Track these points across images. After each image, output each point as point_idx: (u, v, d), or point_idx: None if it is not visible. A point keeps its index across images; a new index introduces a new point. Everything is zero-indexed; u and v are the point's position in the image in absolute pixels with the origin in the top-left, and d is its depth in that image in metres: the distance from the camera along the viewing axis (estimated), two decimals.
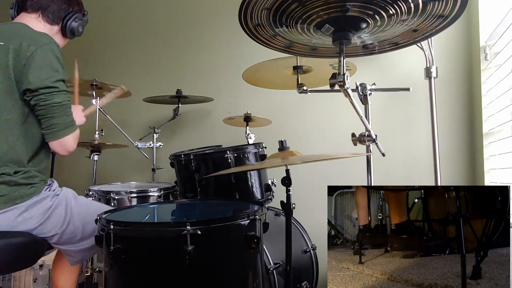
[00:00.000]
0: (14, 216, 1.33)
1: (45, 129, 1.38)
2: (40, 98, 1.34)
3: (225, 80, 2.75)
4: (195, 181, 1.85)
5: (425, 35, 1.14)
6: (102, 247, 1.15)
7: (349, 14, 1.00)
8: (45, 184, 1.44)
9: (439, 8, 0.98)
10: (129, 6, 3.17)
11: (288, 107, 2.56)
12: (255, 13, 1.02)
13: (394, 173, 2.27)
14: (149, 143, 2.56)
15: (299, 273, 1.72)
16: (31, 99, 1.34)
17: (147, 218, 1.42)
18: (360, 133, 1.50)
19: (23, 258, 1.38)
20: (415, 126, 2.26)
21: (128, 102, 2.77)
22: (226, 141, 2.48)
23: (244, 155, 1.83)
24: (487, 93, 1.96)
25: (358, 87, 1.62)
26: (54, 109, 1.36)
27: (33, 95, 1.33)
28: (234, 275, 1.16)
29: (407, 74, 2.27)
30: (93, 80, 2.31)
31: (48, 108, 1.35)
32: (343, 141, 1.84)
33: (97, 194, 1.93)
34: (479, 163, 2.01)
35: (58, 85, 1.37)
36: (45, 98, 1.34)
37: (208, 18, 2.85)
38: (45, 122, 1.38)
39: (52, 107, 1.36)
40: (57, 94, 1.36)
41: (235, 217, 1.17)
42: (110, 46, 3.22)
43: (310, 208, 2.09)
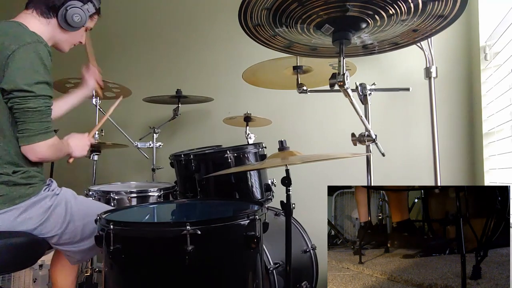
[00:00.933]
0: (14, 216, 1.33)
1: (18, 132, 1.33)
2: (15, 101, 1.28)
3: (225, 80, 2.75)
4: (195, 181, 1.85)
5: (425, 35, 1.14)
6: (102, 247, 1.15)
7: (349, 14, 1.00)
8: (44, 184, 1.44)
9: (439, 8, 0.98)
10: (129, 6, 3.17)
11: (288, 107, 2.56)
12: (255, 13, 1.02)
13: (394, 173, 2.27)
14: (149, 143, 2.56)
15: (299, 273, 1.72)
16: (8, 101, 1.29)
17: (147, 218, 1.42)
18: (360, 133, 1.50)
19: (23, 258, 1.38)
20: (415, 126, 2.26)
21: (128, 102, 2.76)
22: (226, 141, 2.48)
23: (244, 155, 1.83)
24: (487, 93, 1.96)
25: (358, 87, 1.62)
26: (28, 114, 1.30)
27: (8, 97, 1.28)
28: (234, 275, 1.16)
29: (407, 74, 2.27)
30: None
31: (22, 112, 1.30)
32: (343, 141, 1.84)
33: (97, 194, 1.93)
34: (479, 163, 2.01)
35: (35, 89, 1.29)
36: (19, 102, 1.28)
37: (208, 18, 2.85)
38: (19, 126, 1.32)
39: (26, 111, 1.30)
40: (32, 99, 1.29)
41: (235, 217, 1.17)
42: (110, 46, 3.21)
43: (310, 208, 2.09)
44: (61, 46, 1.55)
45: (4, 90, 1.28)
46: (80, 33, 1.56)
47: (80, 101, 1.84)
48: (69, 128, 2.71)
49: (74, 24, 1.46)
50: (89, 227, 1.46)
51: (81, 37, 1.59)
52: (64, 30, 1.48)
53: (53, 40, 1.50)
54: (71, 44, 1.58)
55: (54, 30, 1.47)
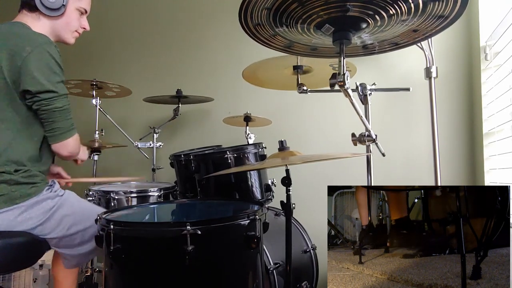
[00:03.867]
0: (14, 215, 1.33)
1: (48, 132, 1.40)
2: (42, 103, 1.33)
3: (225, 80, 2.75)
4: (195, 181, 1.85)
5: (425, 35, 1.14)
6: (102, 247, 1.15)
7: (349, 14, 1.00)
8: (46, 185, 1.44)
9: (439, 8, 0.98)
10: (129, 6, 3.17)
11: (288, 107, 2.56)
12: (255, 12, 1.02)
13: (394, 173, 2.27)
14: (149, 143, 2.56)
15: (299, 273, 1.72)
16: (33, 104, 1.34)
17: (147, 218, 1.42)
18: (360, 133, 1.50)
19: (22, 258, 1.38)
20: (415, 126, 2.26)
21: (128, 102, 2.77)
22: (226, 141, 2.48)
23: (244, 155, 1.83)
24: (487, 93, 1.96)
25: (358, 87, 1.62)
26: (55, 114, 1.37)
27: (33, 100, 1.33)
28: (234, 275, 1.16)
29: (407, 74, 2.27)
30: (93, 80, 2.30)
31: (50, 113, 1.36)
32: (343, 141, 1.84)
33: (97, 194, 1.93)
34: (479, 163, 2.01)
35: (58, 89, 1.36)
36: (46, 103, 1.34)
37: (208, 18, 2.85)
38: (47, 126, 1.38)
39: (54, 112, 1.36)
40: (57, 98, 1.36)
41: (235, 217, 1.17)
42: (110, 46, 3.21)
43: (310, 208, 2.09)
44: (63, 36, 1.52)
45: (29, 92, 1.32)
46: (73, 16, 1.50)
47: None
48: None
49: (53, 6, 1.42)
50: (89, 231, 1.46)
51: (78, 20, 1.52)
52: (51, 18, 1.45)
53: (54, 34, 1.49)
54: (70, 32, 1.52)
55: (46, 23, 1.46)
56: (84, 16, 1.57)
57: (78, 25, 1.54)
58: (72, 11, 1.50)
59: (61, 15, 1.47)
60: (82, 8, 1.54)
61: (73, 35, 1.56)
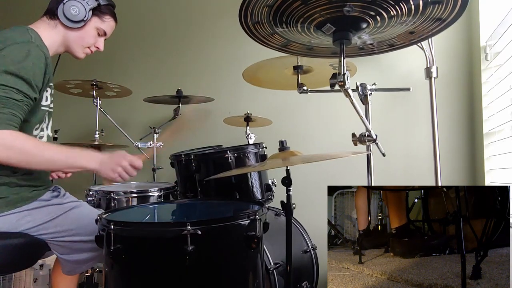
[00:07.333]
0: (16, 219, 1.31)
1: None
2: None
3: (226, 80, 2.75)
4: (195, 181, 1.85)
5: (421, 37, 1.14)
6: (102, 247, 1.15)
7: (350, 14, 1.00)
8: (48, 189, 1.42)
9: (438, 11, 0.98)
10: (129, 6, 3.17)
11: (289, 107, 2.56)
12: (256, 10, 1.02)
13: (394, 173, 2.27)
14: (149, 143, 2.55)
15: (299, 273, 1.72)
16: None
17: (148, 218, 1.42)
18: (360, 133, 1.50)
19: (22, 259, 1.36)
20: (415, 126, 2.26)
21: (128, 102, 2.77)
22: (226, 141, 2.48)
23: (245, 155, 1.83)
24: (487, 93, 1.96)
25: (358, 87, 1.62)
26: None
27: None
28: (234, 275, 1.16)
29: (408, 74, 2.27)
30: (93, 80, 2.31)
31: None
32: (343, 141, 1.84)
33: (97, 194, 1.92)
34: (479, 163, 2.01)
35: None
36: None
37: (209, 18, 2.85)
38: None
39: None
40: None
41: (236, 217, 1.17)
42: (110, 46, 3.20)
43: (310, 208, 2.09)
44: (73, 49, 1.49)
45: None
46: (89, 33, 1.48)
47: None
48: (69, 128, 2.72)
49: (74, 18, 1.42)
50: (90, 244, 1.38)
51: (93, 38, 1.51)
52: (68, 28, 1.43)
53: (64, 44, 1.47)
54: (82, 47, 1.50)
55: (61, 31, 1.44)
56: (102, 37, 1.55)
57: (93, 43, 1.51)
58: (92, 28, 1.49)
59: (79, 28, 1.45)
60: (102, 30, 1.52)
61: (84, 51, 1.52)
